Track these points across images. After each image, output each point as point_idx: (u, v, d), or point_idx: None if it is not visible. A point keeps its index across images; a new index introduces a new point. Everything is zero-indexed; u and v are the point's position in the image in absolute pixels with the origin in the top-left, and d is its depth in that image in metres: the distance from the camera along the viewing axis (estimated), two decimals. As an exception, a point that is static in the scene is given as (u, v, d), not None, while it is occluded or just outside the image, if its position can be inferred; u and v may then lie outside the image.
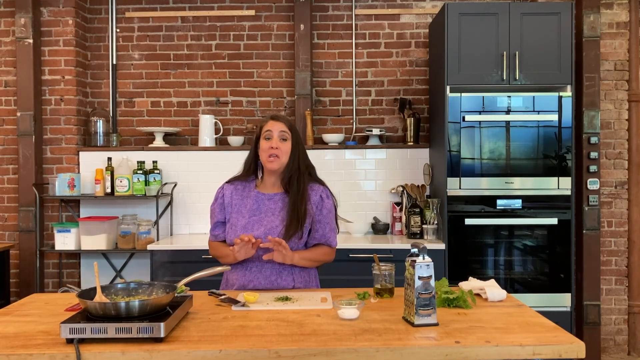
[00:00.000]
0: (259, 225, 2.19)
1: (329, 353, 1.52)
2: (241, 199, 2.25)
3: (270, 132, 2.20)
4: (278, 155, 2.18)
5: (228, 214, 2.27)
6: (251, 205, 2.23)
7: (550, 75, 3.51)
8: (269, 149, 2.18)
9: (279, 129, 2.21)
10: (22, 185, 4.06)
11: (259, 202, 2.23)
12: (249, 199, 2.25)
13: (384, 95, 4.25)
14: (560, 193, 3.50)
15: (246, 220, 2.20)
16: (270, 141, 2.19)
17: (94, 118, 4.18)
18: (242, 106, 4.29)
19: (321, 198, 2.24)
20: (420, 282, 1.70)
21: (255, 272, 2.20)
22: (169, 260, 3.52)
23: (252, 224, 2.20)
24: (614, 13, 4.07)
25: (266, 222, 2.19)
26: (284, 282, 2.22)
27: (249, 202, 2.24)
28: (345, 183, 4.14)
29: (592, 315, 3.90)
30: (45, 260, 4.17)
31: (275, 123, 2.23)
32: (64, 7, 4.09)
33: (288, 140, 2.21)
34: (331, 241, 2.27)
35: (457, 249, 3.51)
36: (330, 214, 2.26)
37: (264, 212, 2.22)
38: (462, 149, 3.49)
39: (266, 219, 2.20)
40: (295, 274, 2.24)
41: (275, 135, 2.20)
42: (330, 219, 2.26)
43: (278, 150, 2.18)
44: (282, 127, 2.21)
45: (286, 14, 4.27)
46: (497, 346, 1.54)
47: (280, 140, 2.20)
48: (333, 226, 2.28)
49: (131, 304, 1.58)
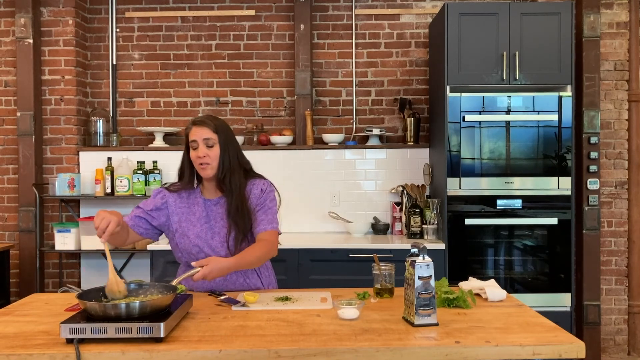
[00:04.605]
0: (212, 233, 2.16)
1: (329, 353, 1.52)
2: (188, 207, 2.21)
3: (195, 142, 2.12)
4: (208, 162, 2.12)
5: (174, 223, 2.20)
6: (200, 212, 2.19)
7: (550, 75, 3.51)
8: (197, 158, 2.12)
9: (202, 137, 2.11)
10: (22, 185, 4.06)
11: (207, 209, 2.20)
12: (197, 205, 2.21)
13: (384, 95, 4.25)
14: (560, 193, 3.50)
15: (198, 228, 2.17)
16: (197, 150, 2.12)
17: (94, 118, 4.18)
18: (242, 106, 4.29)
19: (261, 191, 2.20)
20: (420, 282, 1.70)
21: (220, 278, 2.15)
22: (169, 260, 3.52)
23: (204, 231, 2.17)
24: (614, 13, 4.07)
25: (218, 229, 2.16)
26: (253, 282, 2.23)
27: (197, 209, 2.20)
28: (345, 183, 4.14)
29: (592, 315, 3.90)
30: (45, 260, 4.17)
31: (198, 129, 2.13)
32: (64, 7, 4.09)
33: (215, 144, 2.13)
34: (269, 223, 2.16)
35: (457, 249, 3.51)
36: (272, 203, 2.21)
37: (213, 218, 2.19)
38: (462, 149, 3.49)
39: (217, 225, 2.17)
40: (258, 273, 2.26)
41: (201, 144, 2.12)
42: (271, 207, 2.19)
43: (207, 158, 2.11)
44: (205, 134, 2.11)
45: (286, 14, 4.27)
46: (497, 346, 1.54)
47: (206, 147, 2.12)
48: (270, 209, 2.19)
49: (131, 305, 1.58)
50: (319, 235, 3.96)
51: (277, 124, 4.27)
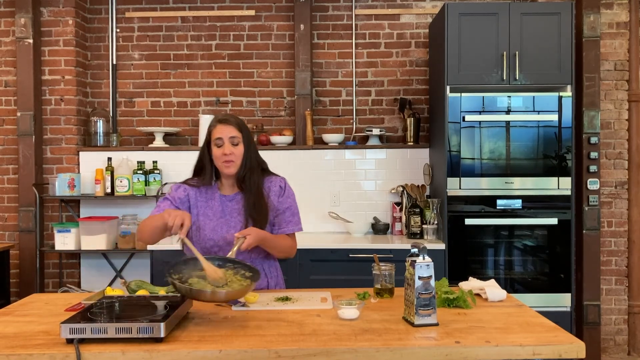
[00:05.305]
0: (228, 227, 2.19)
1: (329, 353, 1.52)
2: (205, 202, 2.24)
3: (220, 139, 2.16)
4: (233, 159, 2.16)
5: (193, 216, 2.23)
6: (216, 207, 2.23)
7: (550, 75, 3.51)
8: (222, 155, 2.16)
9: (228, 135, 2.15)
10: (22, 185, 4.06)
11: (222, 205, 2.23)
12: (213, 201, 2.24)
13: (384, 95, 4.25)
14: (560, 193, 3.50)
15: (214, 222, 2.20)
16: (222, 148, 2.15)
17: (94, 118, 4.18)
18: (242, 106, 4.29)
19: (281, 187, 2.28)
20: (420, 282, 1.70)
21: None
22: (169, 260, 3.51)
23: (220, 225, 2.20)
24: (614, 13, 4.07)
25: (234, 224, 2.20)
26: (260, 282, 2.23)
27: (214, 204, 2.23)
28: (345, 183, 4.14)
29: (592, 315, 3.89)
30: (45, 260, 4.16)
31: (224, 128, 2.17)
32: (64, 7, 4.09)
33: (240, 142, 2.18)
34: (296, 225, 2.28)
35: (457, 249, 3.51)
36: (292, 199, 2.29)
37: (229, 213, 2.22)
38: (462, 149, 3.49)
39: (233, 220, 2.20)
40: (267, 272, 2.27)
41: (226, 142, 2.16)
42: (292, 204, 2.28)
43: (232, 156, 2.16)
44: (231, 132, 2.16)
45: (286, 14, 4.26)
46: (497, 346, 1.54)
47: (232, 145, 2.16)
48: (296, 211, 2.30)
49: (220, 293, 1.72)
50: (319, 235, 3.96)
51: (277, 124, 4.27)
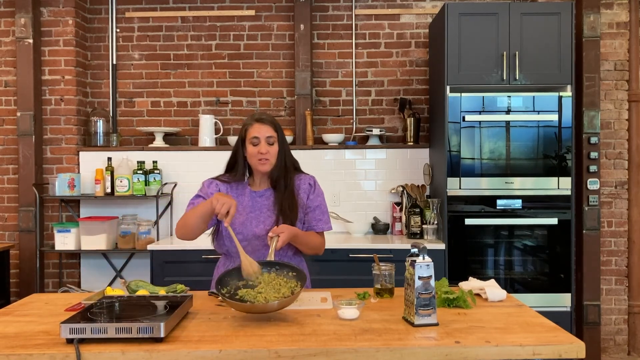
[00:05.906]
0: (257, 222, 2.22)
1: (329, 353, 1.52)
2: (236, 197, 2.26)
3: (257, 138, 2.18)
4: (268, 158, 2.20)
5: None
6: (246, 203, 2.25)
7: (550, 75, 3.51)
8: (258, 154, 2.19)
9: (265, 134, 2.18)
10: (22, 185, 4.06)
11: (252, 200, 2.26)
12: (243, 196, 2.27)
13: (384, 95, 4.25)
14: (560, 193, 3.50)
15: (244, 217, 2.23)
16: (259, 147, 2.18)
17: (94, 118, 4.18)
18: (242, 106, 4.29)
19: (310, 185, 2.31)
20: (420, 282, 1.70)
21: None
22: (169, 260, 3.52)
23: (250, 220, 2.22)
24: (614, 13, 4.07)
25: (263, 219, 2.22)
26: None
27: (244, 199, 2.26)
28: (345, 183, 4.14)
29: (592, 315, 3.89)
30: (45, 260, 4.16)
31: (261, 127, 2.19)
32: (64, 7, 4.09)
33: (275, 142, 2.21)
34: (326, 224, 2.31)
35: (457, 249, 3.51)
36: (321, 198, 2.32)
37: (259, 208, 2.24)
38: (462, 149, 3.49)
39: (262, 215, 2.23)
40: None
41: (263, 141, 2.18)
42: (322, 203, 2.32)
43: (267, 154, 2.19)
44: (268, 132, 2.19)
45: (286, 14, 4.26)
46: (497, 346, 1.54)
47: (268, 145, 2.19)
48: (326, 209, 2.33)
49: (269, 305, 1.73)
50: (319, 235, 3.95)
51: (277, 124, 4.27)
